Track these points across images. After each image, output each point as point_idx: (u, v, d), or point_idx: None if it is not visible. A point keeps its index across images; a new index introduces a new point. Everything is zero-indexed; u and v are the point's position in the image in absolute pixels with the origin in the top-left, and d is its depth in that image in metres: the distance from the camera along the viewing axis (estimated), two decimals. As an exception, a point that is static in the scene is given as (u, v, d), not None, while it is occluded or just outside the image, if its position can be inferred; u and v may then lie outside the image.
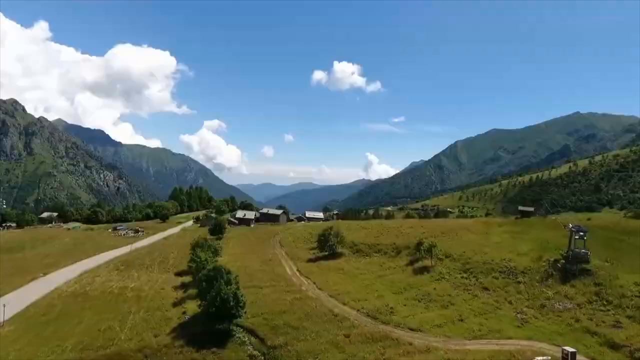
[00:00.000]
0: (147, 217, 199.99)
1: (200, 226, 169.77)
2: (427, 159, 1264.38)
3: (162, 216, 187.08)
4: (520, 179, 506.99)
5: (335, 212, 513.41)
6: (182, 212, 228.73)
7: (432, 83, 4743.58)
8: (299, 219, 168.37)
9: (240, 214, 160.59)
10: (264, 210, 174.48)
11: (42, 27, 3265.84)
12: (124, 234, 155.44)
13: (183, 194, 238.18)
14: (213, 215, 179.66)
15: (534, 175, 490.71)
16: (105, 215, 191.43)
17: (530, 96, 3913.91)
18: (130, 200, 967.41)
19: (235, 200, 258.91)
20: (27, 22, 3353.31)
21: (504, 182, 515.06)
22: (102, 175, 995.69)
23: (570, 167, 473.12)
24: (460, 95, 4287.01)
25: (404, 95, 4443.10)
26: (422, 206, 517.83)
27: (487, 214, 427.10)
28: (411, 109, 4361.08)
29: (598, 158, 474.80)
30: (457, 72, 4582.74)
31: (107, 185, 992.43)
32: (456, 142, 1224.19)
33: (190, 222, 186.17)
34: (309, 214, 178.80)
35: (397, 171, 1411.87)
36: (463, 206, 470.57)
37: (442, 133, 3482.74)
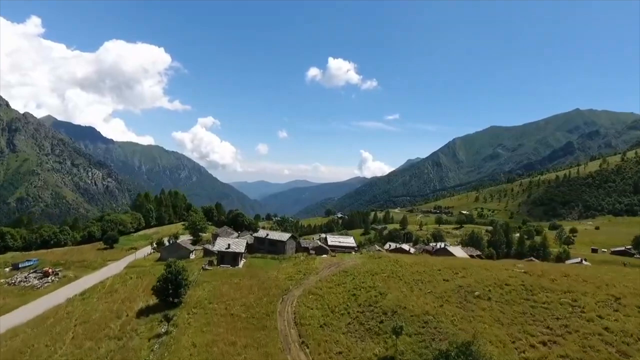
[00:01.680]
0: (90, 239, 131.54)
1: (160, 259, 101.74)
2: (423, 157, 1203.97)
3: (108, 239, 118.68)
4: (542, 177, 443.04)
5: (339, 215, 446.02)
6: (148, 226, 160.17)
7: (428, 80, 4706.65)
8: (319, 250, 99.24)
9: (221, 243, 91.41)
10: (261, 234, 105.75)
11: (34, 23, 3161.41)
12: (20, 281, 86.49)
13: (150, 201, 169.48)
14: (180, 239, 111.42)
15: (561, 174, 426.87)
16: (22, 238, 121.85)
17: (528, 94, 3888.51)
18: (120, 200, 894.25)
19: (222, 208, 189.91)
20: (19, 18, 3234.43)
21: (525, 180, 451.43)
22: (90, 174, 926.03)
23: (600, 164, 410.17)
24: (457, 92, 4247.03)
25: (398, 92, 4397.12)
26: (435, 207, 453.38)
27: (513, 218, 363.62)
28: (406, 107, 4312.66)
29: (631, 154, 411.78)
30: (453, 70, 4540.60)
31: (95, 184, 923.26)
32: (454, 139, 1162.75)
33: (149, 249, 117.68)
34: (332, 239, 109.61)
35: (392, 169, 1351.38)
36: (482, 208, 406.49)
37: (439, 130, 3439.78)
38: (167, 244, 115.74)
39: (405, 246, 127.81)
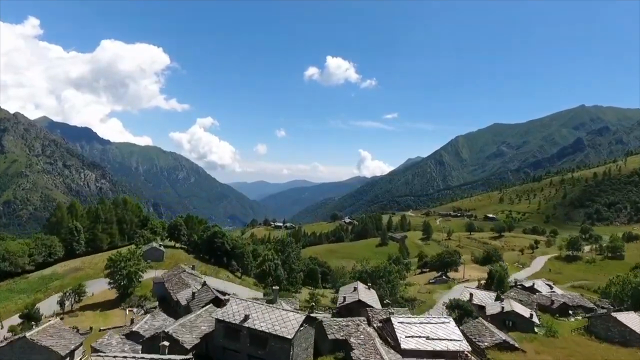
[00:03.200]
0: None
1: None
2: (424, 155, 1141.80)
3: None
4: (576, 174, 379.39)
5: (348, 220, 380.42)
6: (70, 256, 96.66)
7: (428, 79, 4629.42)
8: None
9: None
10: (234, 314, 42.00)
11: (32, 24, 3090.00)
12: None
13: (77, 216, 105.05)
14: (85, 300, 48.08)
15: (599, 170, 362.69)
16: None
17: (529, 91, 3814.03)
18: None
19: (194, 222, 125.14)
20: (17, 19, 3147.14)
21: (555, 179, 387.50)
22: (82, 175, 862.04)
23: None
24: (457, 90, 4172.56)
25: (398, 91, 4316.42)
26: (454, 210, 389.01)
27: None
28: (405, 105, 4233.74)
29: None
30: (454, 68, 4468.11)
31: (88, 186, 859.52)
32: (457, 137, 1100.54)
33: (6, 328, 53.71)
34: (407, 332, 41.53)
35: (392, 168, 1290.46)
36: (509, 210, 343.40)
37: (439, 129, 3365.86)
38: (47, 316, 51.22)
39: (521, 308, 63.56)
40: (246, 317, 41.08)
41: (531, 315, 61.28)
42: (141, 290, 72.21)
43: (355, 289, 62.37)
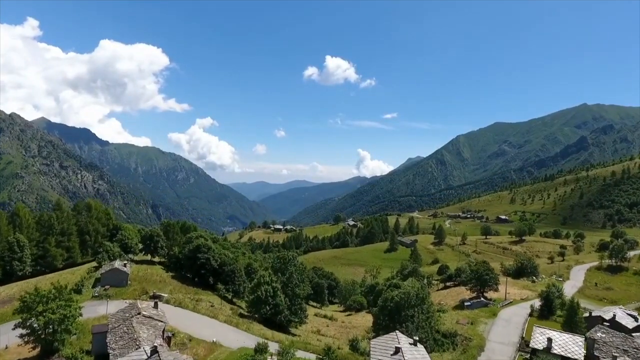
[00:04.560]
0: None
1: None
2: (424, 155, 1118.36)
3: None
4: (591, 173, 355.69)
5: (352, 223, 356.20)
6: (10, 278, 73.33)
7: (428, 78, 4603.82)
8: None
9: None
10: None
11: (31, 25, 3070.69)
12: None
13: (24, 226, 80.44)
14: None
15: (617, 168, 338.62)
16: None
17: (530, 90, 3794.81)
18: (112, 203, 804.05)
19: (176, 230, 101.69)
20: (17, 20, 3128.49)
21: (569, 178, 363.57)
22: (79, 176, 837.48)
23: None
24: (458, 90, 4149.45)
25: (397, 91, 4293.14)
26: (463, 211, 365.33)
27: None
28: (405, 105, 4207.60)
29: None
30: (454, 67, 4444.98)
31: (85, 187, 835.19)
32: (458, 136, 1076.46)
33: None
34: None
35: (392, 167, 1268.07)
36: (523, 212, 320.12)
37: (438, 129, 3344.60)
38: None
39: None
40: None
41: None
42: (80, 340, 48.68)
43: (397, 350, 38.86)
